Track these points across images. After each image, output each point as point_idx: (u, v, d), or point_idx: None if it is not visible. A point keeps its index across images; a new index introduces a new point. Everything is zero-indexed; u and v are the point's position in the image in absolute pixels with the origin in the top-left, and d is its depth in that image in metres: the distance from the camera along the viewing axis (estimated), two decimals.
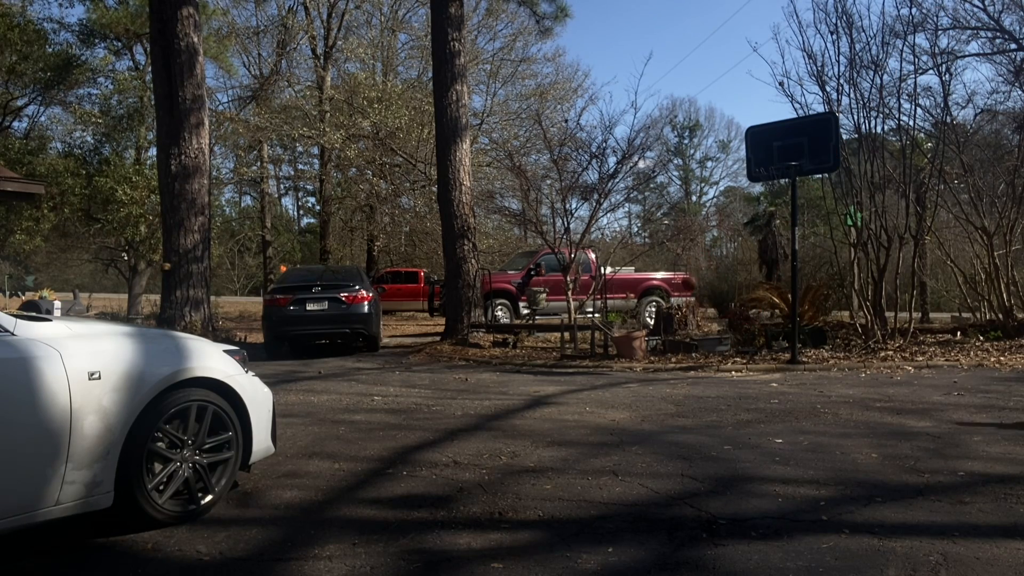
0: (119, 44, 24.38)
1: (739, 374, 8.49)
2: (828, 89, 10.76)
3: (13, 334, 2.82)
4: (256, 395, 3.73)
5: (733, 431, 5.13)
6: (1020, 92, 13.73)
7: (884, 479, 3.80)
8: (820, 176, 11.93)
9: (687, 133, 55.63)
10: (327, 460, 4.42)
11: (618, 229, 25.40)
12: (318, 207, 32.43)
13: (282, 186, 44.16)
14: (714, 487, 3.69)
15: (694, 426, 5.37)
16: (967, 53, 15.22)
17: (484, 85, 25.30)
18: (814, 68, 10.85)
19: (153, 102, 14.21)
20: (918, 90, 11.32)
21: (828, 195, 12.05)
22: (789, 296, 9.93)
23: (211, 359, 3.51)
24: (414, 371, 9.46)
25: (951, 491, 3.57)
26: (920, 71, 11.56)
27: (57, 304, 15.50)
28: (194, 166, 12.25)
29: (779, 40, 15.08)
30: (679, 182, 55.80)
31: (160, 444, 3.16)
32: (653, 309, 15.52)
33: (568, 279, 12.53)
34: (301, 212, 50.86)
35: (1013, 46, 14.43)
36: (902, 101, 10.88)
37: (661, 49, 74.67)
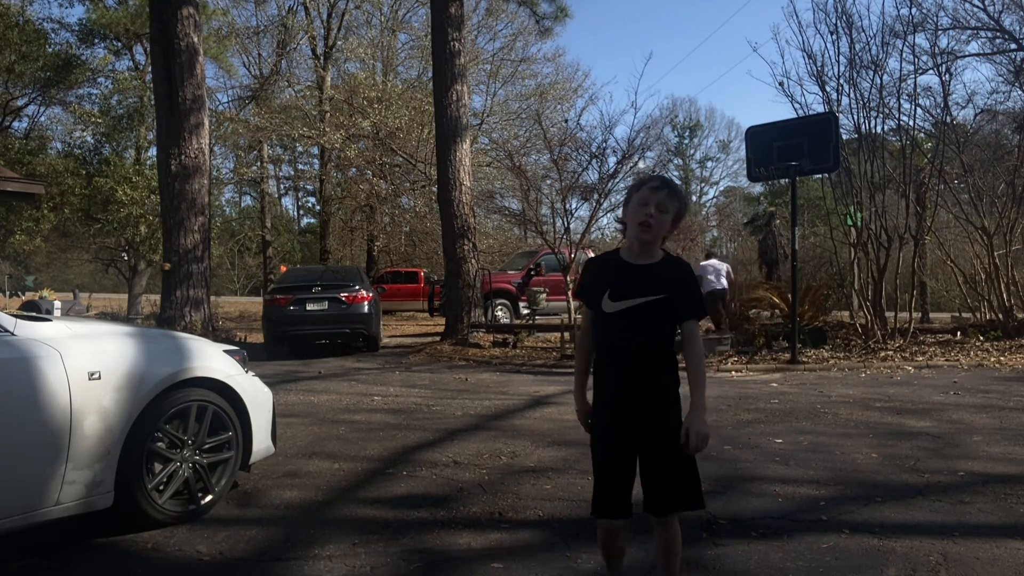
0: (119, 44, 24.41)
1: (739, 374, 8.49)
2: (828, 89, 10.77)
3: (13, 334, 2.82)
4: (256, 395, 3.72)
5: (733, 431, 5.12)
6: (1020, 92, 13.71)
7: (884, 479, 3.80)
8: (820, 176, 11.91)
9: (687, 133, 55.56)
10: (327, 460, 4.42)
11: (618, 229, 25.36)
12: (318, 207, 32.41)
13: (282, 186, 44.05)
14: (714, 487, 3.69)
15: None
16: (967, 53, 15.18)
17: (484, 85, 25.33)
18: (814, 68, 10.86)
19: (153, 102, 14.22)
20: (918, 90, 11.32)
21: (828, 195, 12.04)
22: (789, 296, 9.93)
23: (211, 359, 3.51)
24: (414, 371, 9.45)
25: (951, 491, 3.57)
26: (920, 71, 11.54)
27: (57, 304, 15.49)
28: (194, 166, 12.25)
29: (779, 40, 15.03)
30: (679, 182, 55.68)
31: (160, 444, 3.16)
32: None
33: (568, 279, 12.52)
34: (301, 212, 50.78)
35: (1013, 46, 14.41)
36: (902, 101, 10.89)
37: (661, 49, 74.72)
